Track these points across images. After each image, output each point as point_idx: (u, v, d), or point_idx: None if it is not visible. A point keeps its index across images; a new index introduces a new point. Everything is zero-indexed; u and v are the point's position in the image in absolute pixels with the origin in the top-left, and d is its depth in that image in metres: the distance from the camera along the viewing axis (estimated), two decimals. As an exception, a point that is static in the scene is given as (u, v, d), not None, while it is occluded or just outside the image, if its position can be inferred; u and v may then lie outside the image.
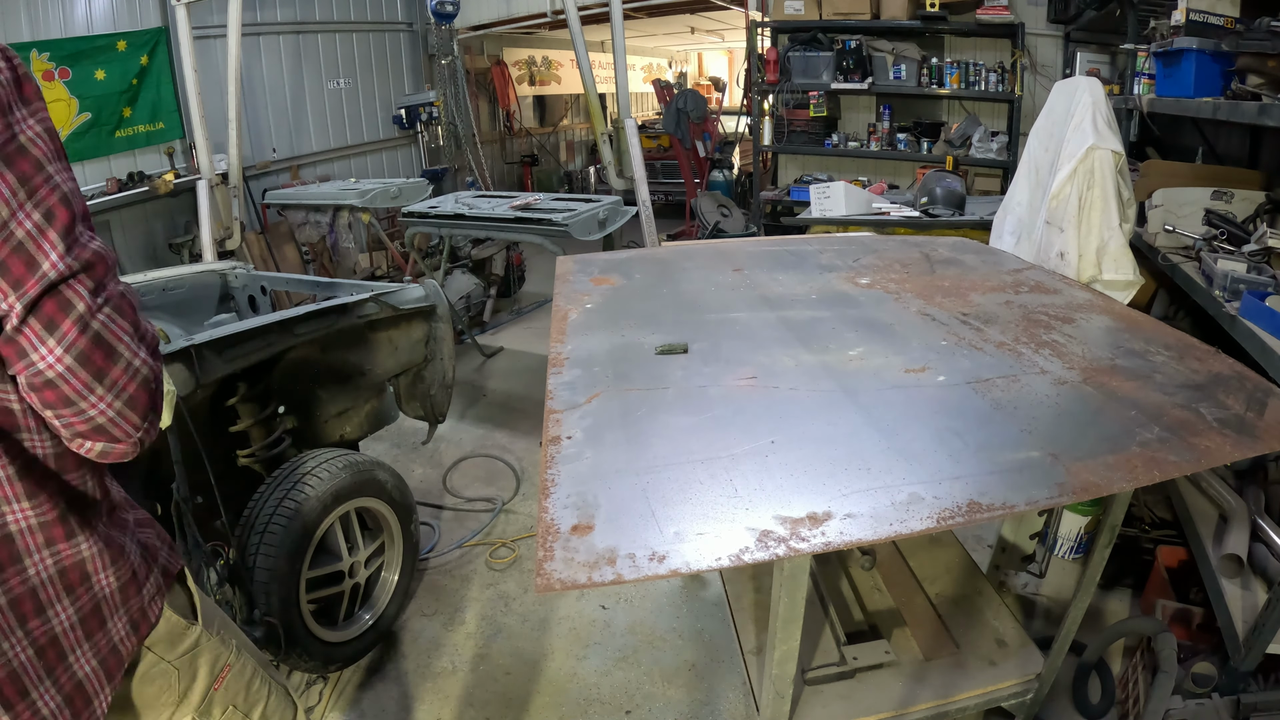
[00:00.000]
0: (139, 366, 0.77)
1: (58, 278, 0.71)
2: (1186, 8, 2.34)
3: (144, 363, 0.78)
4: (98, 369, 0.73)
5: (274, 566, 1.86)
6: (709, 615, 2.32)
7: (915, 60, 5.30)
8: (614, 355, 1.27)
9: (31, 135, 0.71)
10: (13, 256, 0.68)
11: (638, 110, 11.55)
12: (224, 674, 1.06)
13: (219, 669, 1.05)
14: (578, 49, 3.95)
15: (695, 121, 6.99)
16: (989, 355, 1.19)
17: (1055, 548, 2.40)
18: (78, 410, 0.74)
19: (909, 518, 0.79)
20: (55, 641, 0.82)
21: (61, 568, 0.82)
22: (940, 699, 1.41)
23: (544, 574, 0.73)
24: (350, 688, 2.10)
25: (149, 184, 4.97)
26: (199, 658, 1.01)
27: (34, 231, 0.70)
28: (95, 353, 0.73)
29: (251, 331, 2.00)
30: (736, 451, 0.92)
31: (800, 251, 1.91)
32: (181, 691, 1.00)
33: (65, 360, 0.71)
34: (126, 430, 0.78)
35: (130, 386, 0.77)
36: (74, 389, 0.73)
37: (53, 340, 0.71)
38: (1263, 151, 2.77)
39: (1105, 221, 2.01)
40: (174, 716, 1.01)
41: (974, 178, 5.32)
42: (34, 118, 0.72)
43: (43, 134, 0.72)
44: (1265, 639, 1.54)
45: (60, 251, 0.71)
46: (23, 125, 0.70)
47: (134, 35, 4.97)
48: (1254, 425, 0.96)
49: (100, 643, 0.87)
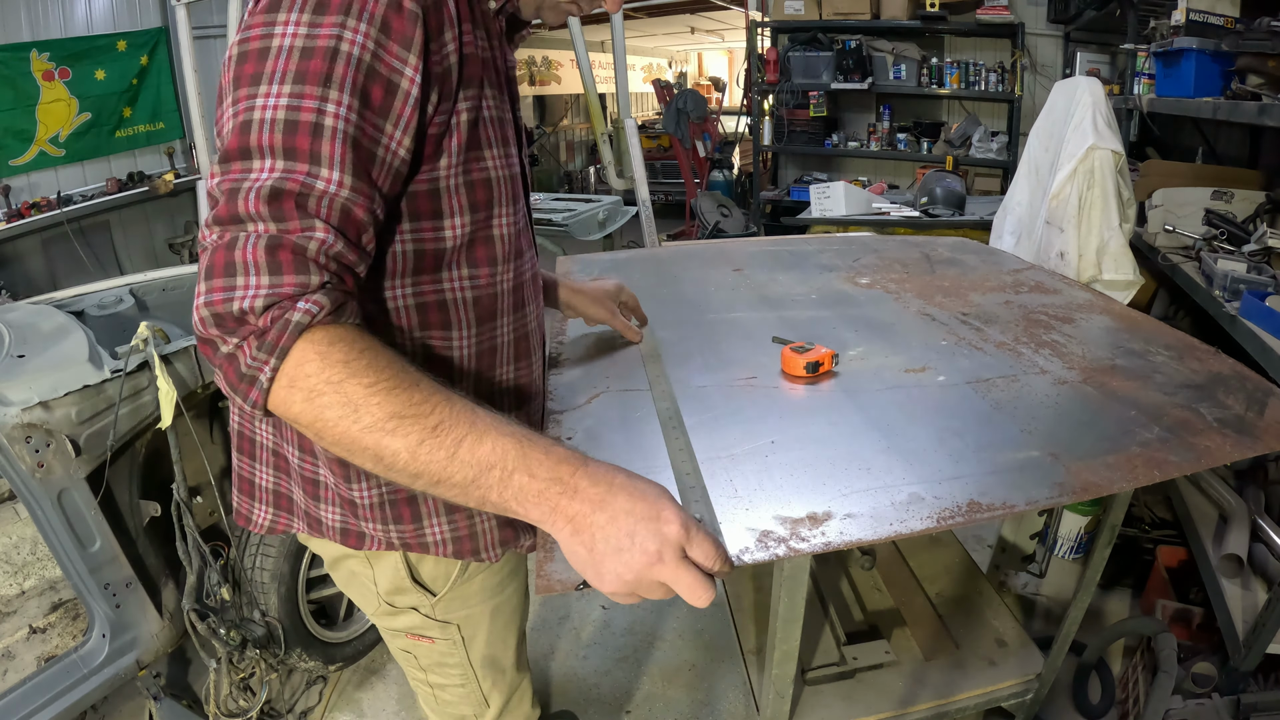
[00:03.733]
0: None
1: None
2: (1186, 8, 2.34)
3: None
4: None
5: (274, 566, 1.86)
6: (709, 615, 2.32)
7: (915, 60, 5.30)
8: (614, 356, 1.27)
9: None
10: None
11: (638, 110, 11.54)
12: (428, 641, 1.06)
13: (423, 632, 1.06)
14: (578, 49, 3.95)
15: (695, 121, 6.99)
16: (989, 355, 1.19)
17: (1055, 548, 2.40)
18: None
19: (909, 518, 0.79)
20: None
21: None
22: (940, 699, 1.41)
23: (544, 575, 0.73)
24: (350, 688, 2.10)
25: (149, 184, 4.97)
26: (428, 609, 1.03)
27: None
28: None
29: (251, 331, 2.00)
30: (736, 451, 0.92)
31: (800, 251, 1.91)
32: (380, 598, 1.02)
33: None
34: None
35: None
36: None
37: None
38: (1263, 151, 2.77)
39: (1105, 221, 2.01)
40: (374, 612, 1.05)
41: (974, 178, 5.32)
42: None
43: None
44: (1265, 639, 1.54)
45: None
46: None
47: (134, 35, 4.97)
48: (1254, 425, 0.96)
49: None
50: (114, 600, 1.68)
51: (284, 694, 2.04)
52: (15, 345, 1.72)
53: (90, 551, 1.63)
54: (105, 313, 2.37)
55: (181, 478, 1.75)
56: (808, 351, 1.14)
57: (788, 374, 1.14)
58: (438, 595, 1.02)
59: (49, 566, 2.04)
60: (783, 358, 1.15)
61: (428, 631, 1.05)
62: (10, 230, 4.28)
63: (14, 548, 2.05)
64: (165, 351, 1.79)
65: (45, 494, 1.55)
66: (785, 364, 1.15)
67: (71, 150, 4.75)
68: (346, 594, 1.10)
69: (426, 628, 1.05)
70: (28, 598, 1.98)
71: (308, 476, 0.92)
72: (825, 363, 1.13)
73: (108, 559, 1.66)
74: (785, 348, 1.16)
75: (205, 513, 2.03)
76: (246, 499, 1.00)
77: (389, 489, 0.90)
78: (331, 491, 0.92)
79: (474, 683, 1.11)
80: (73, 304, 2.32)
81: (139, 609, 1.74)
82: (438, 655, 1.08)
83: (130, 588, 1.72)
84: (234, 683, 1.83)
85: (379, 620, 1.07)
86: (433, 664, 1.10)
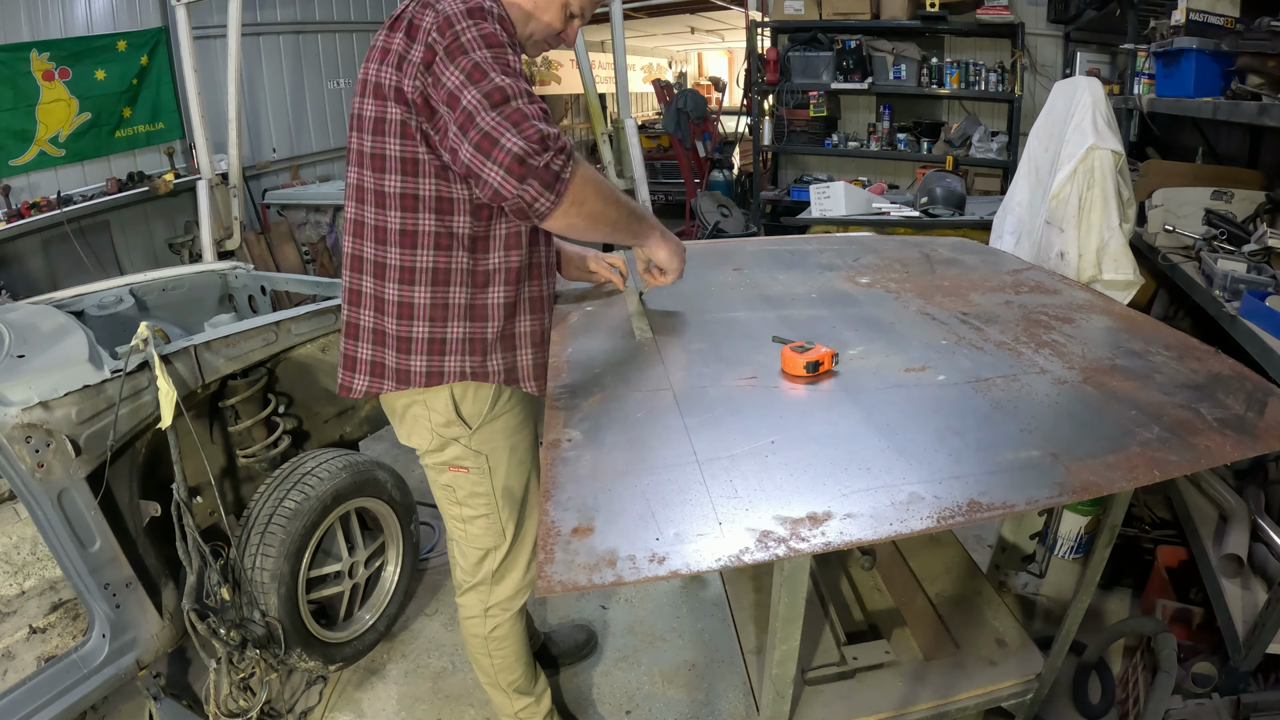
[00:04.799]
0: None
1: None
2: (1186, 8, 2.34)
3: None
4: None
5: (274, 566, 1.86)
6: (709, 615, 2.33)
7: (915, 60, 5.30)
8: (614, 356, 1.27)
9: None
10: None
11: (638, 110, 11.54)
12: (464, 471, 1.46)
13: (465, 465, 1.45)
14: (578, 49, 3.95)
15: (695, 121, 6.99)
16: (989, 355, 1.19)
17: (1055, 548, 2.40)
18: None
19: (909, 517, 0.79)
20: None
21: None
22: (940, 699, 1.41)
23: (545, 576, 0.73)
24: (350, 688, 2.10)
25: (149, 184, 4.96)
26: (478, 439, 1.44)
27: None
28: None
29: (251, 331, 2.00)
30: (736, 452, 0.92)
31: (800, 251, 1.91)
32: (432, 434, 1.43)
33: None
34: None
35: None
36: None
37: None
38: (1263, 151, 2.77)
39: (1105, 221, 2.01)
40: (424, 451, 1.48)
41: (974, 178, 5.32)
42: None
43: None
44: (1265, 639, 1.54)
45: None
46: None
47: (134, 35, 4.96)
48: (1254, 425, 0.96)
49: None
50: (114, 600, 1.68)
51: (284, 694, 2.04)
52: (15, 345, 1.72)
53: (90, 551, 1.63)
54: (105, 313, 2.37)
55: (181, 478, 1.75)
56: (808, 351, 1.14)
57: (788, 373, 1.14)
58: (474, 429, 1.41)
59: (49, 566, 2.04)
60: (783, 357, 1.15)
61: (464, 461, 1.44)
62: (10, 230, 4.27)
63: (14, 548, 2.06)
64: (165, 351, 1.79)
65: (45, 494, 1.55)
66: (785, 363, 1.15)
67: (71, 150, 4.74)
68: (408, 442, 1.48)
69: (464, 458, 1.44)
70: (28, 598, 1.98)
71: (403, 337, 1.33)
72: (825, 362, 1.13)
73: (108, 559, 1.66)
74: (785, 347, 1.16)
75: (205, 513, 2.03)
76: (349, 373, 1.41)
77: (470, 329, 1.34)
78: (421, 343, 1.33)
79: (495, 513, 1.50)
80: (73, 304, 2.32)
81: (139, 609, 1.74)
82: (470, 485, 1.47)
83: (130, 588, 1.72)
84: (234, 683, 1.83)
85: (430, 459, 1.47)
86: (467, 494, 1.48)
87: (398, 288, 1.31)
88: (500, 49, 1.14)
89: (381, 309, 1.34)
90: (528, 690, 1.73)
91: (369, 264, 1.33)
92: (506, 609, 1.61)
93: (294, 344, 2.12)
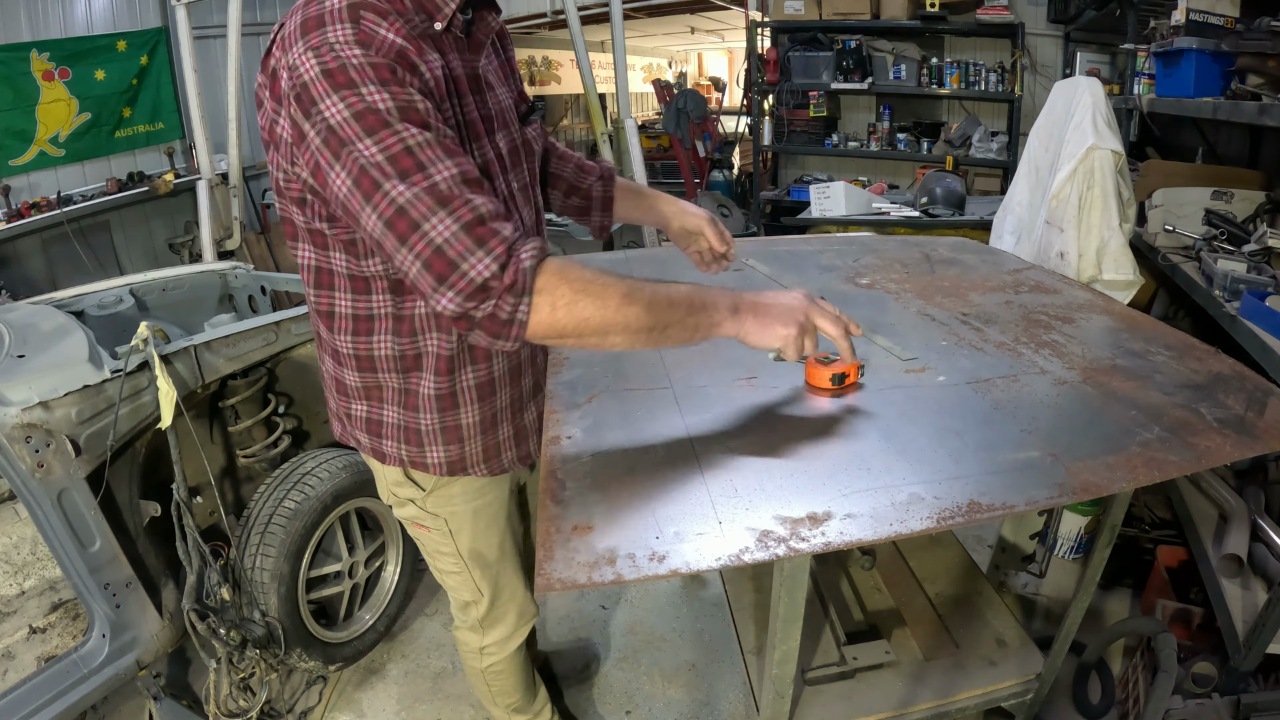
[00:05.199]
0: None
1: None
2: (1186, 8, 2.34)
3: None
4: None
5: (274, 566, 1.86)
6: (709, 615, 2.33)
7: (915, 60, 5.29)
8: (614, 355, 1.27)
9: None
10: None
11: (638, 110, 11.55)
12: (425, 530, 1.33)
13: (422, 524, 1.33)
14: (578, 49, 3.95)
15: (695, 121, 6.98)
16: (989, 355, 1.19)
17: (1055, 548, 2.40)
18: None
19: (909, 518, 0.79)
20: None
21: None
22: (940, 699, 1.41)
23: (544, 574, 0.73)
24: (350, 688, 2.10)
25: (149, 184, 4.97)
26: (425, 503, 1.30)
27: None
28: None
29: (251, 331, 2.00)
30: (736, 451, 0.92)
31: (800, 251, 1.91)
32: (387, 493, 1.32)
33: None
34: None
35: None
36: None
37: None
38: (1263, 151, 2.77)
39: (1105, 221, 2.01)
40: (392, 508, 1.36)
41: (974, 178, 5.31)
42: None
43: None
44: (1265, 639, 1.54)
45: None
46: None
47: (134, 35, 4.97)
48: (1254, 425, 0.96)
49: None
50: (114, 600, 1.68)
51: (284, 694, 2.04)
52: (15, 345, 1.72)
53: (90, 551, 1.63)
54: (105, 313, 2.37)
55: (181, 478, 1.75)
56: (833, 363, 1.05)
57: (812, 387, 1.07)
58: (427, 490, 1.28)
59: (49, 566, 2.04)
60: (807, 369, 1.08)
61: (424, 521, 1.32)
62: (10, 230, 4.28)
63: (14, 548, 2.06)
64: (165, 351, 1.79)
65: (45, 494, 1.55)
66: (810, 376, 1.08)
67: (71, 150, 4.75)
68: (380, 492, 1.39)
69: (422, 518, 1.32)
70: (28, 598, 1.98)
71: (344, 412, 1.23)
72: (851, 374, 1.06)
73: (108, 559, 1.66)
74: (810, 358, 1.05)
75: (205, 513, 2.03)
76: (331, 415, 1.31)
77: (404, 417, 1.19)
78: (360, 420, 1.21)
79: (466, 572, 1.38)
80: (73, 304, 2.32)
81: (139, 609, 1.74)
82: (434, 544, 1.36)
83: (130, 588, 1.72)
84: (234, 683, 1.83)
85: (394, 512, 1.36)
86: (433, 551, 1.37)
87: (333, 364, 1.20)
88: (385, 119, 0.86)
89: (332, 366, 1.22)
90: (525, 709, 1.67)
91: (312, 314, 1.20)
92: (502, 649, 1.51)
93: (294, 344, 2.12)
